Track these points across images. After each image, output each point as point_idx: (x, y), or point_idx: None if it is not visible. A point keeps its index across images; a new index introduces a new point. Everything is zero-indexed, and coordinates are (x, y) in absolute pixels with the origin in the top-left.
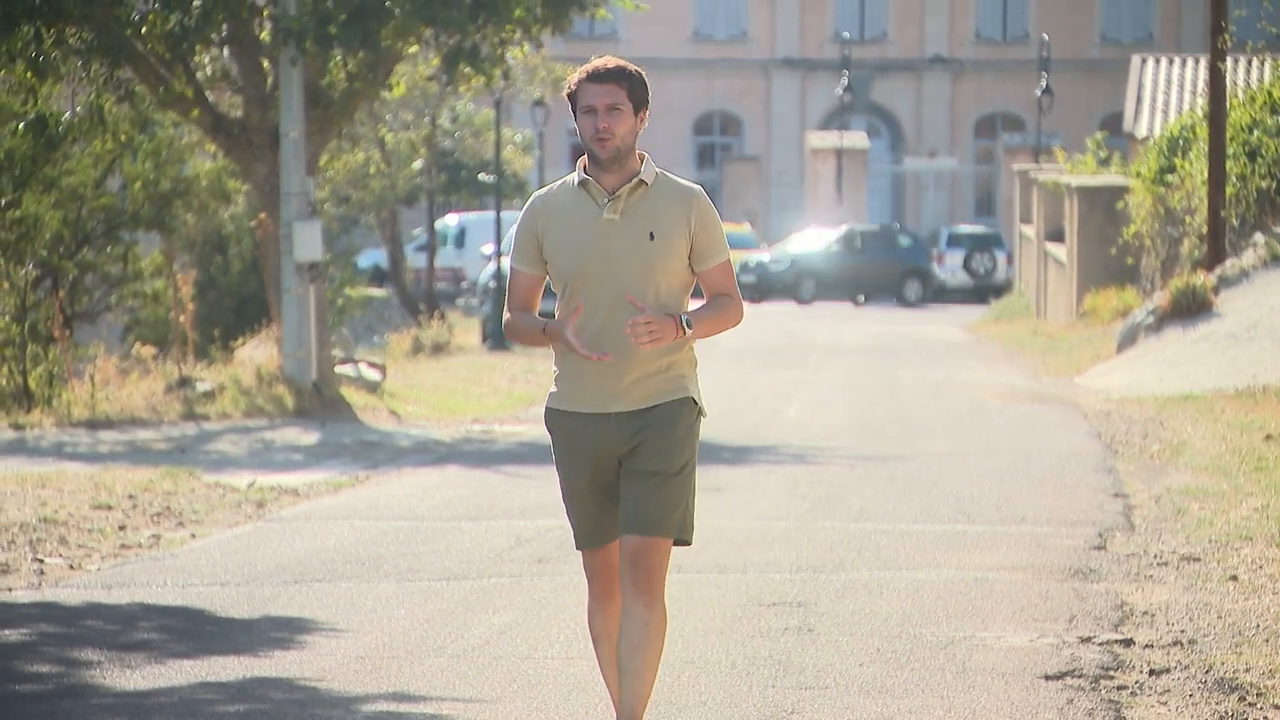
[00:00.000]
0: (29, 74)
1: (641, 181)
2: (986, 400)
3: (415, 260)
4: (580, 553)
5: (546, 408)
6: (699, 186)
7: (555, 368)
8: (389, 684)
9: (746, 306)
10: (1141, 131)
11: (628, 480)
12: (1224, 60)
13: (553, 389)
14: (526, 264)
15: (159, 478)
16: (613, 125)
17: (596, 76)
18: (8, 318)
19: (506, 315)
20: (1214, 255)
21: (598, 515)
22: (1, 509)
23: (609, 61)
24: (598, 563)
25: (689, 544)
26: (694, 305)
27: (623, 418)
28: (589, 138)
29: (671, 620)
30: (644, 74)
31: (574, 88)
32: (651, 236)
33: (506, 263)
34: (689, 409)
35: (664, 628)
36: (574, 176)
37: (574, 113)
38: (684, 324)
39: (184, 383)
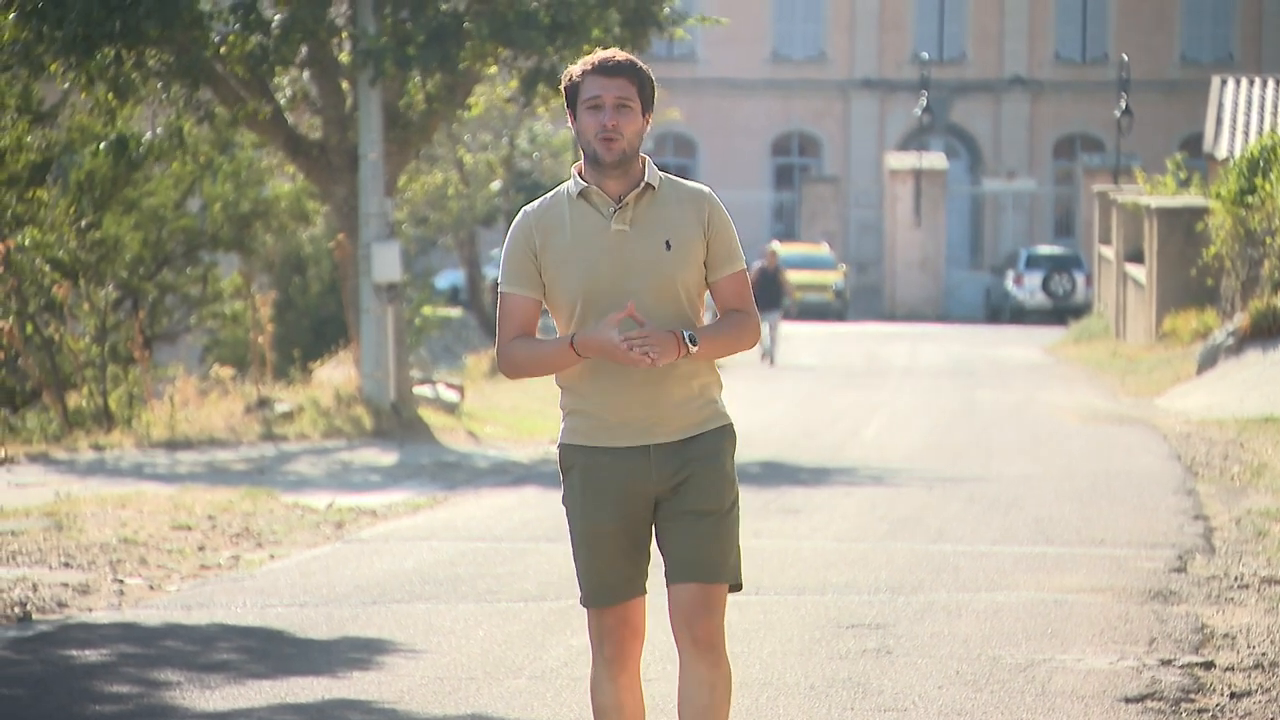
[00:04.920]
0: (109, 96)
1: (649, 186)
2: (1066, 421)
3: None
4: (587, 612)
5: (561, 445)
6: (708, 188)
7: (563, 404)
8: (467, 705)
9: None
10: (1221, 152)
11: (676, 523)
12: None
13: (565, 425)
14: (522, 286)
15: (238, 498)
16: (621, 124)
17: (606, 69)
18: (88, 339)
19: (503, 348)
20: None
21: (623, 567)
22: (82, 529)
23: (618, 55)
24: (612, 623)
25: (740, 589)
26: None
27: (662, 451)
28: (593, 136)
29: (749, 641)
30: (651, 72)
31: (576, 79)
32: (668, 246)
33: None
34: (730, 438)
35: (730, 688)
36: (569, 186)
37: (571, 109)
38: (686, 340)
39: (263, 403)
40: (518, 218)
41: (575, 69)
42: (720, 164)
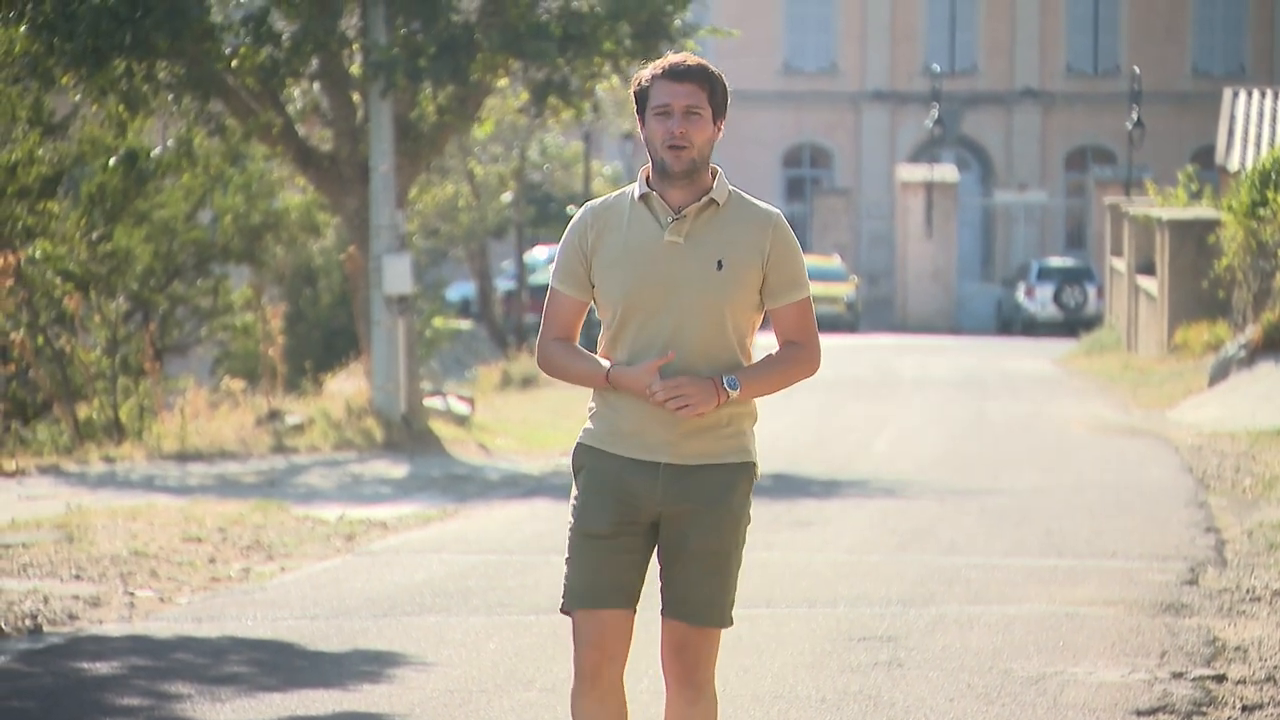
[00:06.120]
0: (120, 108)
1: (712, 200)
2: (1076, 434)
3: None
4: (570, 617)
5: (578, 444)
6: (778, 210)
7: (592, 403)
8: (478, 718)
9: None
10: (1233, 164)
11: (677, 559)
12: None
13: (588, 425)
14: (570, 285)
15: (249, 511)
16: (690, 132)
17: (676, 74)
18: (99, 351)
19: (543, 345)
20: None
21: (611, 573)
22: (93, 541)
23: (690, 59)
24: (591, 631)
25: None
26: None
27: (671, 472)
28: (660, 144)
29: (761, 654)
30: (725, 77)
31: (645, 84)
32: (719, 265)
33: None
34: (748, 476)
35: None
36: (634, 188)
37: (640, 114)
38: (725, 386)
39: (273, 416)
40: (578, 213)
41: (645, 73)
42: (731, 175)
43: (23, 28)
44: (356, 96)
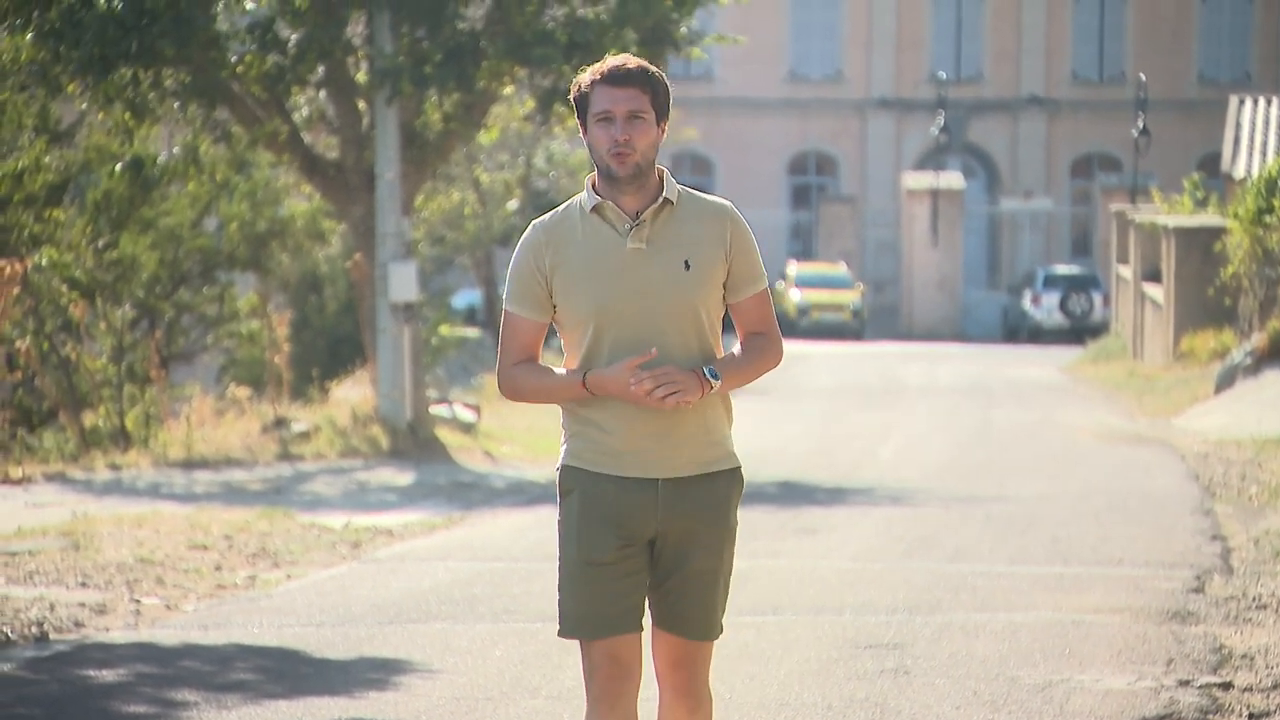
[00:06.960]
0: (127, 116)
1: (667, 201)
2: (1082, 441)
3: None
4: (580, 645)
5: (564, 466)
6: (729, 203)
7: (566, 424)
8: None
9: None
10: (1239, 172)
11: (674, 576)
12: None
13: (566, 446)
14: (529, 308)
15: (255, 518)
16: (634, 137)
17: (615, 78)
18: (105, 358)
19: (505, 371)
20: None
21: (616, 599)
22: (99, 549)
23: (629, 61)
24: (600, 659)
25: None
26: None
27: (670, 486)
28: (605, 151)
29: (767, 662)
30: (665, 78)
31: (585, 90)
32: (687, 265)
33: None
34: (739, 483)
35: None
36: (581, 199)
37: (582, 121)
38: (708, 376)
39: (279, 423)
40: (527, 232)
41: (584, 78)
42: (737, 183)
43: (29, 35)
44: (362, 104)
